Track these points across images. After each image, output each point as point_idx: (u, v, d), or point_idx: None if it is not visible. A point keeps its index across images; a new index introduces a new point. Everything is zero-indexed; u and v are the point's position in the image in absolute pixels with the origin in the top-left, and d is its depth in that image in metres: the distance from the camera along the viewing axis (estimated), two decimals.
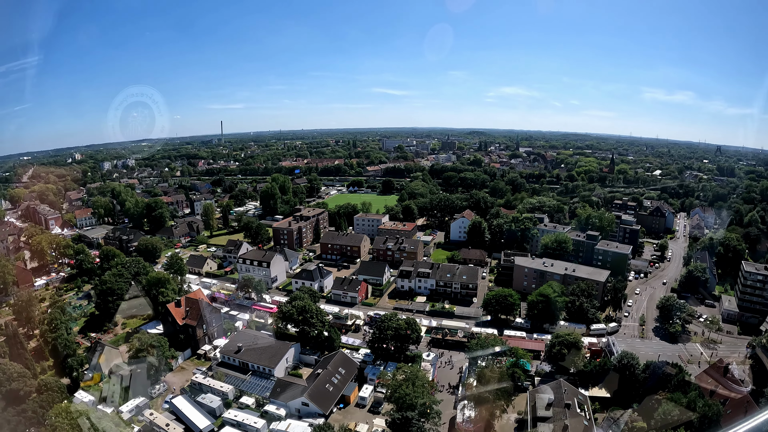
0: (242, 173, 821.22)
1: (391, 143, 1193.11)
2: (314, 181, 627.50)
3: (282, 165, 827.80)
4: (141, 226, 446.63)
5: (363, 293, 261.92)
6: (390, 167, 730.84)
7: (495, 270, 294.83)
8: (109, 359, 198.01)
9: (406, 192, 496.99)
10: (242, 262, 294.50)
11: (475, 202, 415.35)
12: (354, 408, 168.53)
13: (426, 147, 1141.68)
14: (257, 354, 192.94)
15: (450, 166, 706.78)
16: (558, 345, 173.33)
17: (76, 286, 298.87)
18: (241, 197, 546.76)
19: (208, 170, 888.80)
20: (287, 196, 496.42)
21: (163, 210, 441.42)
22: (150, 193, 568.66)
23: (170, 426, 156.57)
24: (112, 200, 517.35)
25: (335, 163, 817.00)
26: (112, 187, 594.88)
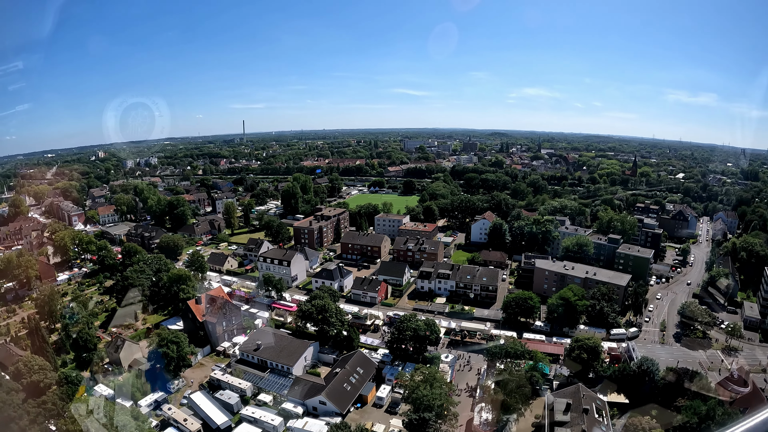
0: (264, 172, 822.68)
1: (412, 144, 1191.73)
2: (335, 180, 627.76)
3: (303, 164, 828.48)
4: (163, 223, 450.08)
5: (383, 293, 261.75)
6: (411, 168, 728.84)
7: (515, 272, 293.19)
8: (129, 354, 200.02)
9: (427, 193, 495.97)
10: (263, 260, 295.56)
11: (496, 204, 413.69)
12: (371, 408, 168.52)
13: (447, 148, 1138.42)
14: (276, 352, 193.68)
15: (471, 167, 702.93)
16: (577, 349, 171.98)
17: (98, 282, 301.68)
18: (263, 196, 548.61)
19: (229, 169, 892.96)
20: (308, 196, 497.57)
21: (185, 208, 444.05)
22: (172, 191, 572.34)
23: (188, 421, 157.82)
24: (135, 198, 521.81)
25: (356, 163, 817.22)
26: (134, 184, 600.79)
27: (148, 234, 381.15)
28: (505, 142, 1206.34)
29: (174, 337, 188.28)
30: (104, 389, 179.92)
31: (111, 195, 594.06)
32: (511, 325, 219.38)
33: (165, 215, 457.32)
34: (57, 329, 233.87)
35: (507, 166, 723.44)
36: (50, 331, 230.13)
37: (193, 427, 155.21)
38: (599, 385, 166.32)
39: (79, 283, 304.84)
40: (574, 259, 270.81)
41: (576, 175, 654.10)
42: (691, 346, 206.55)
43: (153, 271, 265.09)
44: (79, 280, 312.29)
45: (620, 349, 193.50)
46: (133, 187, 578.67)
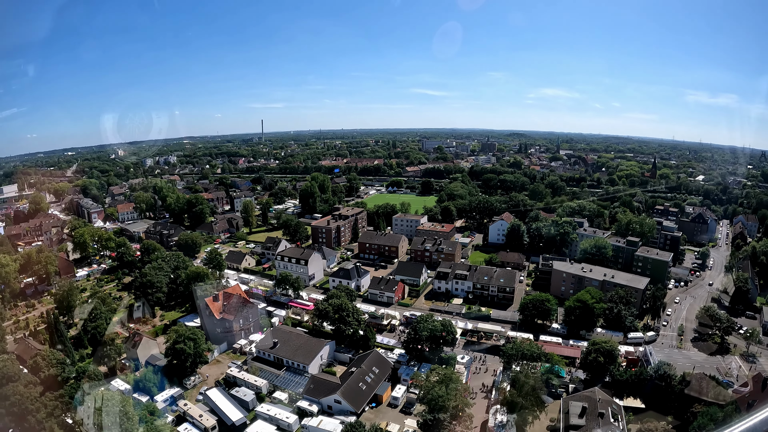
0: (282, 171, 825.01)
1: (430, 144, 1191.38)
2: (353, 180, 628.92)
3: (322, 164, 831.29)
4: (181, 221, 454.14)
5: (399, 293, 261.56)
6: (429, 168, 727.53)
7: (533, 274, 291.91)
8: (147, 349, 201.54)
9: (445, 193, 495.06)
10: (280, 259, 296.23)
11: (515, 205, 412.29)
12: (386, 407, 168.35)
13: (465, 148, 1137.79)
14: (292, 350, 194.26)
15: (489, 167, 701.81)
16: (594, 352, 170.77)
17: (116, 278, 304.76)
18: (281, 195, 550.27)
19: (248, 168, 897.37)
20: (326, 195, 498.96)
21: (203, 206, 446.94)
22: (191, 190, 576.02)
23: (203, 417, 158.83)
24: (154, 195, 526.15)
25: (375, 163, 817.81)
26: (153, 182, 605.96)
27: (166, 231, 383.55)
28: (523, 143, 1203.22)
29: (191, 333, 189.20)
30: (121, 384, 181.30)
31: (130, 193, 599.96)
32: (528, 327, 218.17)
33: (184, 213, 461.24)
34: (75, 324, 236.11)
35: (525, 167, 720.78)
36: (68, 326, 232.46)
37: (209, 423, 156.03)
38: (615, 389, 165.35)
39: (98, 279, 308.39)
40: (592, 261, 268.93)
41: (595, 177, 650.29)
42: (709, 352, 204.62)
43: (171, 268, 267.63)
44: (97, 276, 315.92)
45: (637, 353, 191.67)
46: (153, 185, 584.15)
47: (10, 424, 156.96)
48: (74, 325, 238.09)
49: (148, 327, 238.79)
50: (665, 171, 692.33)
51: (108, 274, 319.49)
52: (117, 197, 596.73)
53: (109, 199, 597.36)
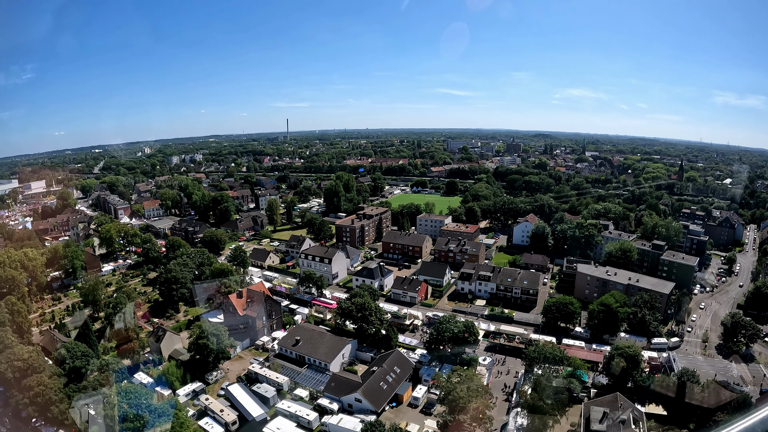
0: (307, 170, 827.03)
1: (455, 144, 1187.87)
2: (378, 180, 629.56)
3: (346, 163, 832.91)
4: (207, 218, 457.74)
5: (423, 294, 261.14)
6: (454, 168, 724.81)
7: (557, 276, 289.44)
8: (170, 344, 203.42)
9: (469, 194, 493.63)
10: (304, 257, 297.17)
11: (539, 207, 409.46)
12: (406, 407, 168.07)
13: (491, 149, 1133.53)
14: (314, 348, 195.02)
15: (514, 168, 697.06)
16: (617, 357, 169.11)
17: (141, 273, 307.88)
18: (306, 194, 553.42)
19: (273, 167, 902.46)
20: (351, 195, 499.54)
21: (228, 204, 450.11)
22: (216, 187, 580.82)
23: (224, 412, 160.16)
24: (180, 193, 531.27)
25: (399, 162, 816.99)
26: (179, 180, 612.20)
27: (191, 228, 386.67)
28: (548, 144, 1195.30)
29: (214, 329, 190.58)
30: (144, 377, 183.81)
31: (156, 190, 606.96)
32: (551, 330, 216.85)
33: (209, 210, 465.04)
34: (100, 317, 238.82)
35: (550, 169, 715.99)
36: (93, 320, 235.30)
37: (229, 418, 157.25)
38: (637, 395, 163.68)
39: (123, 275, 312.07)
40: (616, 264, 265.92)
41: (621, 179, 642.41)
42: (734, 359, 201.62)
43: (196, 264, 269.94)
44: (123, 271, 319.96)
45: (660, 359, 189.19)
46: (178, 182, 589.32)
47: (34, 413, 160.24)
48: (99, 318, 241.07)
49: (172, 322, 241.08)
50: (692, 174, 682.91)
51: (133, 269, 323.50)
52: (143, 194, 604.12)
53: (135, 195, 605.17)
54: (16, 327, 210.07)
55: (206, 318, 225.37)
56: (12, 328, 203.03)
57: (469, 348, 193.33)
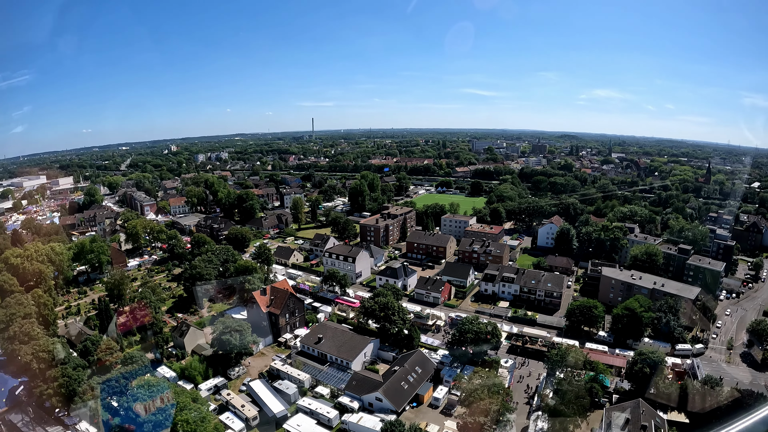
0: (332, 169, 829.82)
1: (480, 144, 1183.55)
2: (403, 179, 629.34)
3: (371, 163, 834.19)
4: (232, 216, 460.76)
5: (446, 294, 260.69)
6: (479, 169, 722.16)
7: (581, 279, 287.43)
8: (193, 339, 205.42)
9: (494, 194, 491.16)
10: (328, 255, 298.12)
11: (564, 208, 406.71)
12: (426, 408, 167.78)
13: (516, 150, 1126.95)
14: (336, 346, 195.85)
15: (540, 169, 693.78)
16: (640, 363, 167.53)
17: (166, 269, 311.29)
18: (330, 193, 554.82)
19: (298, 165, 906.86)
20: (375, 194, 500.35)
21: (253, 202, 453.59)
22: (241, 185, 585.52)
23: (245, 407, 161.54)
24: (205, 190, 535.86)
25: (424, 162, 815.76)
26: (205, 177, 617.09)
27: (217, 225, 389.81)
28: (574, 145, 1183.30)
29: (237, 325, 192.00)
30: (167, 371, 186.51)
31: (182, 187, 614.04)
32: (574, 333, 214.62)
33: (234, 208, 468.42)
34: (125, 312, 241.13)
35: (576, 170, 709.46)
36: (118, 314, 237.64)
37: (250, 414, 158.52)
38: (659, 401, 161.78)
39: (149, 270, 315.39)
40: (642, 268, 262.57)
41: (647, 181, 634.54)
42: (759, 367, 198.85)
43: (220, 261, 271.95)
44: (148, 266, 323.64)
45: (684, 365, 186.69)
46: (204, 180, 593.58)
47: (57, 404, 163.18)
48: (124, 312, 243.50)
49: (196, 317, 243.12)
50: (719, 177, 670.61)
51: (158, 265, 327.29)
52: (169, 191, 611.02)
53: (161, 192, 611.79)
54: (42, 319, 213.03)
55: (230, 314, 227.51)
56: (38, 320, 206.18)
57: (491, 350, 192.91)
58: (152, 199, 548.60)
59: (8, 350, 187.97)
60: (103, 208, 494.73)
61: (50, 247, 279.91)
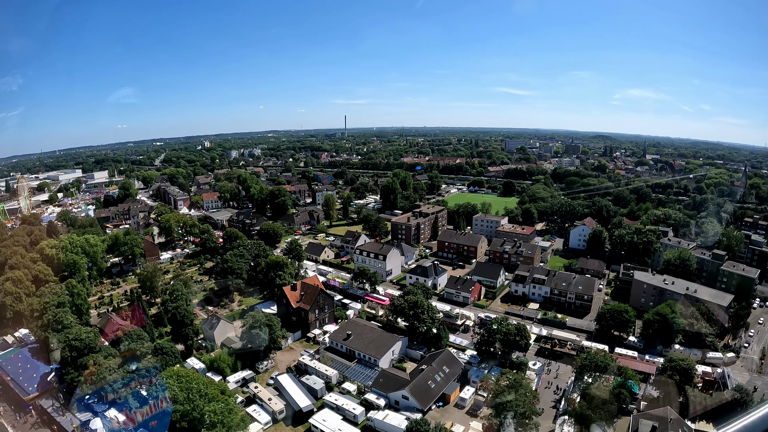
0: (364, 167, 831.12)
1: (513, 144, 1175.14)
2: (435, 178, 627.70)
3: (403, 161, 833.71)
4: (264, 211, 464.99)
5: (476, 294, 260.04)
6: (511, 168, 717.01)
7: (612, 283, 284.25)
8: (223, 332, 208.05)
9: (526, 195, 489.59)
10: (359, 253, 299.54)
11: (597, 210, 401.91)
12: (453, 408, 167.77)
13: (549, 150, 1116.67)
14: (365, 343, 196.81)
15: (573, 170, 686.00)
16: (670, 370, 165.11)
17: (198, 263, 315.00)
18: (362, 190, 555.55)
19: (330, 162, 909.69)
20: (407, 192, 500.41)
21: (285, 198, 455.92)
22: (274, 182, 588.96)
23: (272, 401, 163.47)
24: (238, 186, 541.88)
25: (456, 161, 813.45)
26: (238, 173, 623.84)
27: (249, 221, 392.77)
28: (608, 146, 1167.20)
29: (267, 320, 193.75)
30: (196, 363, 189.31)
31: (215, 182, 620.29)
32: (604, 337, 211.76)
33: (266, 204, 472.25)
34: (157, 303, 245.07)
35: (610, 171, 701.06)
36: (150, 305, 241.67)
37: (277, 407, 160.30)
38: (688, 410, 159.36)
39: (181, 263, 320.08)
40: (674, 273, 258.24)
41: (681, 184, 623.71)
42: None
43: (252, 256, 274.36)
44: (181, 260, 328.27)
45: (715, 374, 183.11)
46: (237, 175, 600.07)
47: (88, 390, 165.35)
48: (155, 304, 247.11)
49: (226, 311, 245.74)
50: (756, 181, 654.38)
51: (191, 258, 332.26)
52: (202, 186, 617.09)
53: (194, 187, 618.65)
54: (75, 308, 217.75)
55: (260, 308, 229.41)
56: (71, 309, 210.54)
57: (519, 351, 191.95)
58: (185, 193, 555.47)
59: (41, 337, 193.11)
60: (137, 202, 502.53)
61: (85, 238, 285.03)
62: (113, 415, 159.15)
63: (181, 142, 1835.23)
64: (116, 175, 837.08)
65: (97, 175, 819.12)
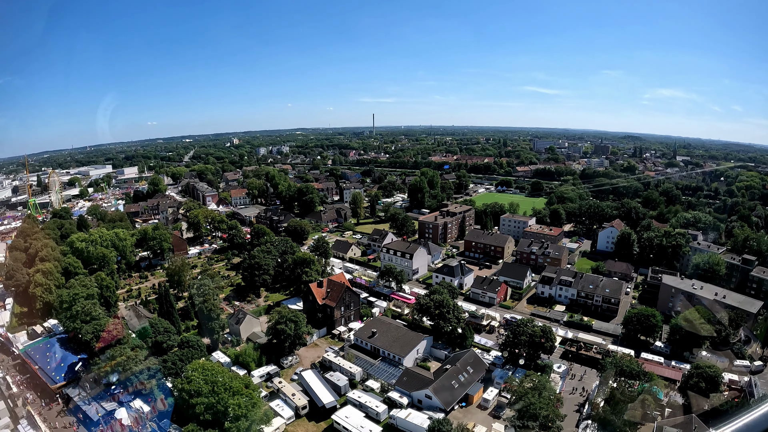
0: (392, 165, 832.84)
1: (542, 144, 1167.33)
2: (463, 177, 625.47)
3: (431, 160, 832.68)
4: (291, 208, 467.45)
5: (502, 295, 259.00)
6: (540, 169, 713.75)
7: (640, 286, 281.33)
8: (249, 327, 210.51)
9: (554, 195, 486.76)
10: (386, 251, 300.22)
11: (626, 212, 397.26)
12: (475, 408, 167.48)
13: (578, 150, 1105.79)
14: (389, 341, 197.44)
15: (602, 171, 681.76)
16: (696, 377, 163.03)
17: (226, 258, 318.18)
18: (390, 189, 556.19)
19: (358, 160, 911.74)
20: (435, 191, 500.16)
21: (313, 195, 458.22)
22: (302, 179, 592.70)
23: (296, 396, 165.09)
24: (266, 183, 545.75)
25: (485, 161, 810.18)
26: (266, 170, 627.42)
27: (276, 217, 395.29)
28: (638, 147, 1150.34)
29: (293, 316, 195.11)
30: (221, 356, 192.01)
31: (243, 179, 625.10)
32: (630, 342, 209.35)
33: (294, 201, 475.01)
34: (184, 297, 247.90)
35: (639, 172, 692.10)
36: (177, 299, 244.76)
37: (300, 402, 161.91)
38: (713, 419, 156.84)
39: (209, 258, 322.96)
40: (703, 278, 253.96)
41: (712, 187, 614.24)
42: None
43: (279, 252, 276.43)
44: (208, 255, 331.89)
45: (741, 382, 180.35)
46: (265, 172, 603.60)
47: (114, 381, 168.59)
48: (182, 298, 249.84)
49: (252, 306, 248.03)
50: None
51: (218, 253, 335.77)
52: (231, 183, 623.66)
53: (223, 184, 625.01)
54: (104, 300, 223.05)
55: (286, 304, 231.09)
56: (100, 301, 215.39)
57: (544, 354, 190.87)
58: (214, 190, 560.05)
59: (69, 328, 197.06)
60: (166, 198, 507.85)
61: (114, 232, 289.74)
62: (138, 406, 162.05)
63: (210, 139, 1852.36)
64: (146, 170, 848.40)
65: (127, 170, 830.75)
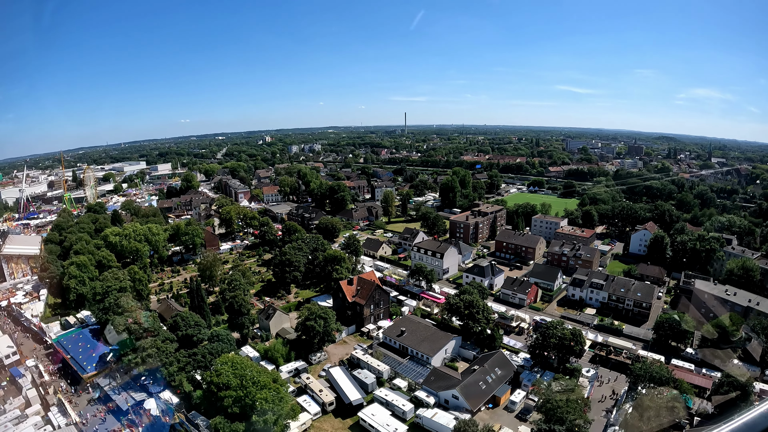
0: (423, 164, 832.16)
1: (574, 144, 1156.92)
2: (494, 177, 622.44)
3: (463, 159, 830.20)
4: (323, 206, 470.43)
5: (532, 296, 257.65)
6: (572, 169, 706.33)
7: (672, 291, 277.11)
8: (279, 323, 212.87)
9: (587, 197, 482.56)
10: (416, 250, 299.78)
11: (660, 215, 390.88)
12: (502, 410, 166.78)
13: (611, 150, 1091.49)
14: (418, 340, 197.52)
15: (635, 172, 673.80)
16: (727, 385, 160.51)
17: (257, 254, 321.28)
18: (421, 187, 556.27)
19: (390, 159, 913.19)
20: (467, 191, 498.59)
21: (345, 193, 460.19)
22: (333, 177, 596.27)
23: (323, 392, 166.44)
24: (298, 180, 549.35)
25: (517, 161, 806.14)
26: (298, 168, 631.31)
27: (308, 215, 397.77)
28: (672, 148, 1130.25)
29: (322, 312, 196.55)
30: (251, 351, 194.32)
31: (275, 176, 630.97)
32: (660, 347, 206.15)
33: (325, 198, 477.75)
34: (215, 292, 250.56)
35: (674, 174, 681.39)
36: (208, 293, 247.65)
37: (327, 399, 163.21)
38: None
39: (240, 254, 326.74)
40: (737, 284, 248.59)
41: (748, 190, 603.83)
42: None
43: (310, 249, 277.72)
44: (240, 251, 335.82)
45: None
46: (297, 170, 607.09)
47: (144, 371, 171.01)
48: (213, 292, 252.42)
49: (283, 302, 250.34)
50: None
51: (250, 249, 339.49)
52: (263, 180, 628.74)
53: (255, 181, 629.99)
54: (136, 293, 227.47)
55: (316, 301, 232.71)
56: (132, 294, 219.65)
57: (573, 357, 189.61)
58: (246, 186, 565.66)
59: (102, 319, 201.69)
60: (199, 194, 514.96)
61: (148, 227, 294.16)
62: (167, 397, 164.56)
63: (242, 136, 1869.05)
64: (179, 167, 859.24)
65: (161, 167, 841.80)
